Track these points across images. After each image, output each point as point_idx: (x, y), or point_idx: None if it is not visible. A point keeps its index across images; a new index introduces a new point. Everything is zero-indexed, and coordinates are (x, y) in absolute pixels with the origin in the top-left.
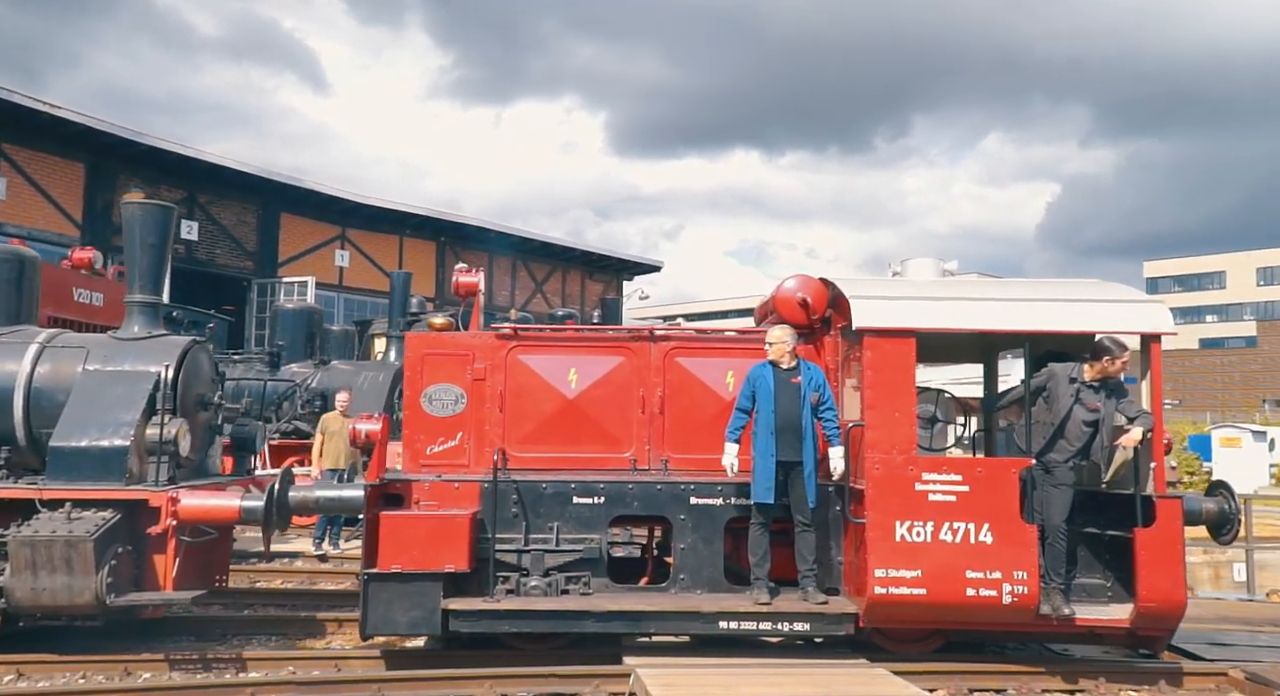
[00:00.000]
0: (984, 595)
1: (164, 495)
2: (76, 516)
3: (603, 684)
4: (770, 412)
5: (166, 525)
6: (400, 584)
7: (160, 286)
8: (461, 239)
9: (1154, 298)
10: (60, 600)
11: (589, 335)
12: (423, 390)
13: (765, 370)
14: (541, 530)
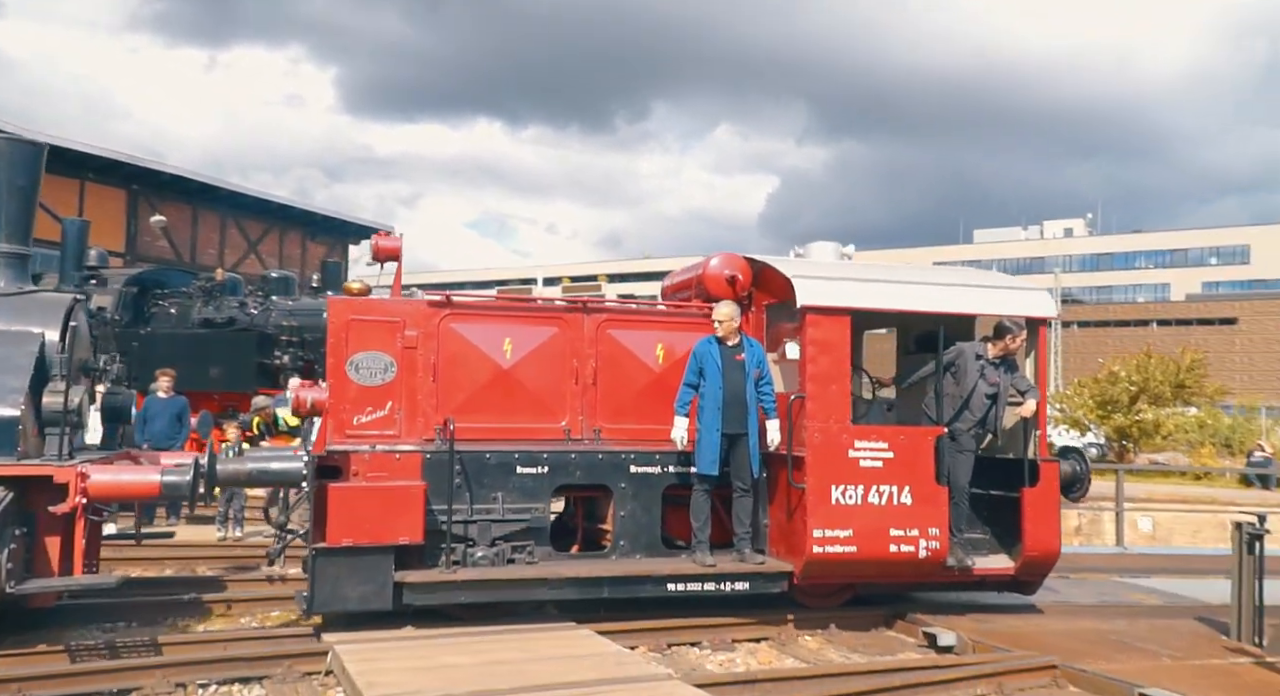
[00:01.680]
0: (904, 551)
1: (71, 470)
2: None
3: (295, 664)
4: (718, 388)
5: (75, 503)
6: (350, 558)
7: (30, 236)
8: (158, 188)
9: (1040, 287)
10: None
11: (524, 305)
12: (348, 357)
13: (711, 347)
14: (485, 500)
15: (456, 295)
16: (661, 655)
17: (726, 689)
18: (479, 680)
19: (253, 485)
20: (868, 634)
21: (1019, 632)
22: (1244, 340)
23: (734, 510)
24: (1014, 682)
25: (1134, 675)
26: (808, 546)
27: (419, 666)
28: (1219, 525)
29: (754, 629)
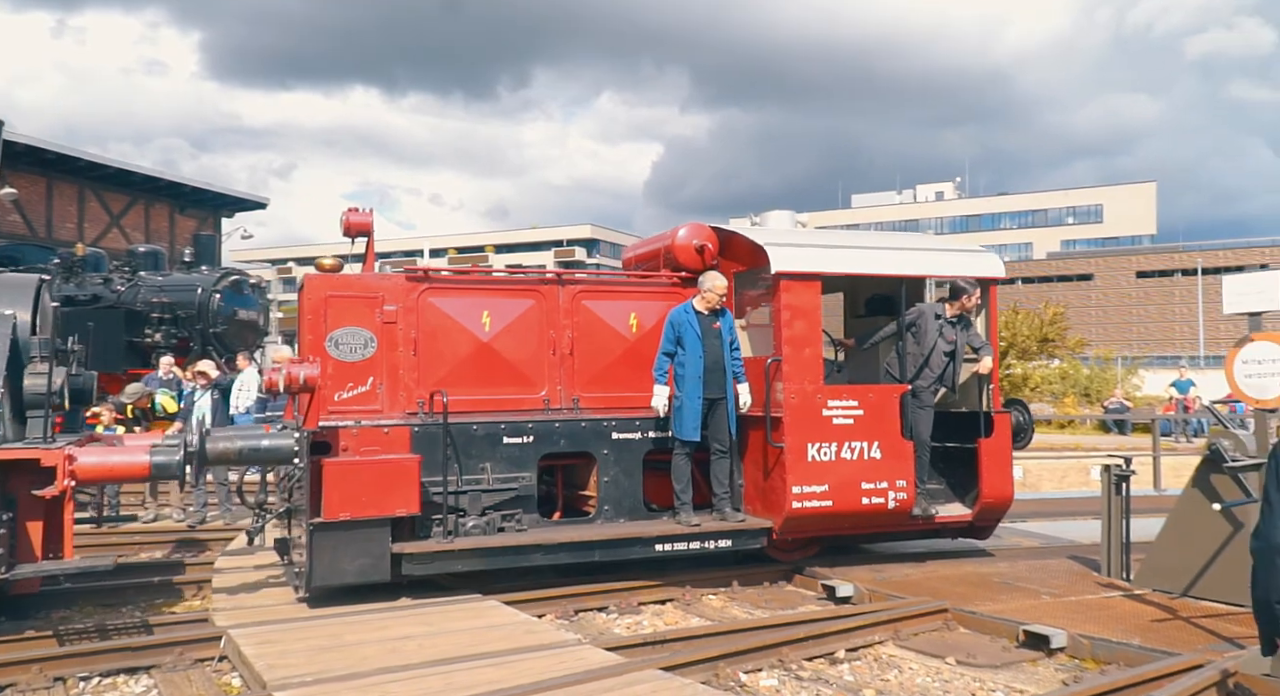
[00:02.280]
0: (874, 502)
1: (59, 453)
2: None
3: (186, 651)
4: (699, 356)
5: (64, 486)
6: (347, 531)
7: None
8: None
9: (988, 251)
10: None
11: (501, 278)
12: (328, 334)
13: (690, 316)
14: (474, 471)
15: (435, 270)
16: (569, 621)
17: (636, 650)
18: (386, 657)
19: (242, 463)
20: (769, 589)
21: (911, 580)
22: (1098, 295)
23: (712, 471)
24: (909, 627)
25: (1018, 613)
26: (787, 502)
27: (322, 646)
28: (1082, 470)
29: (659, 591)
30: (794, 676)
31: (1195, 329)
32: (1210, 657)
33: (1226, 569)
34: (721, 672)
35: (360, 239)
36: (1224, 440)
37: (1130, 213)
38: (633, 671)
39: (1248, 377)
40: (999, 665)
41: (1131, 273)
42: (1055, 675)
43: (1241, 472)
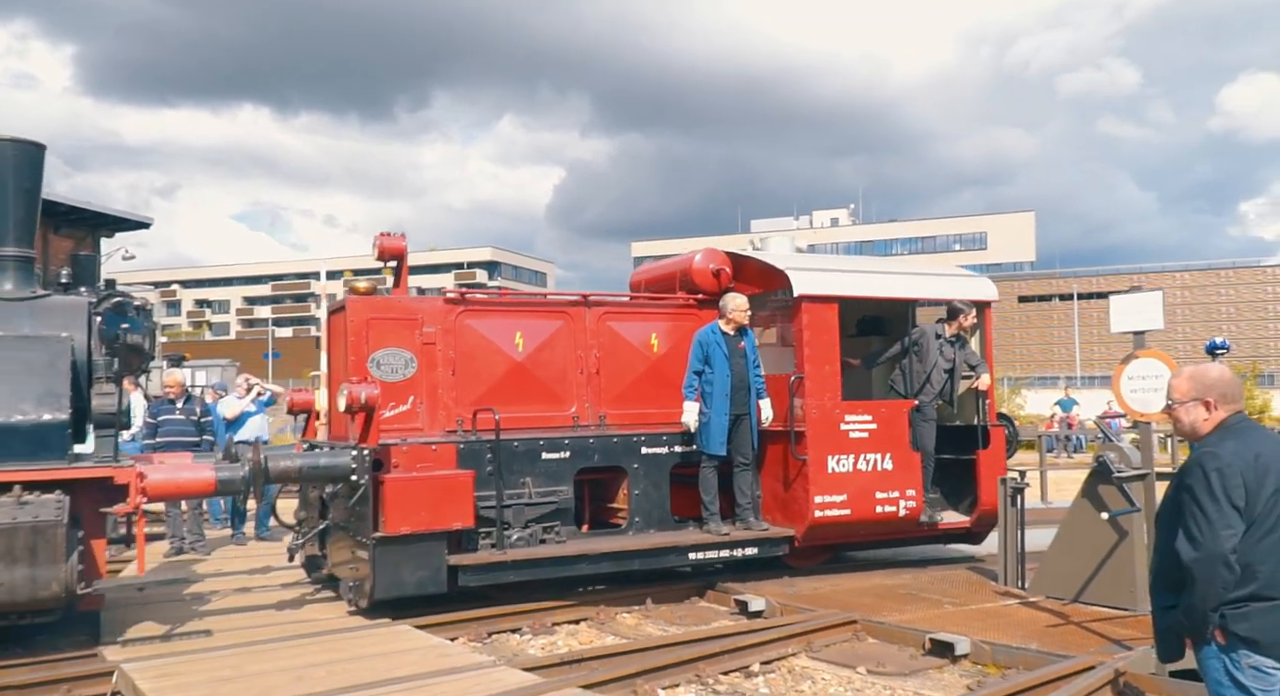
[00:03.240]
0: (887, 511)
1: (131, 471)
2: (27, 500)
3: (75, 688)
4: (726, 375)
5: (136, 503)
6: (406, 545)
7: (34, 238)
8: None
9: (983, 276)
10: (20, 595)
11: (532, 300)
12: (369, 355)
13: (716, 336)
14: (515, 485)
15: (470, 293)
16: (482, 644)
17: (554, 670)
18: (293, 686)
19: (303, 480)
20: (682, 606)
21: (820, 593)
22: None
23: (735, 483)
24: (821, 639)
25: (923, 622)
26: (810, 512)
27: (223, 677)
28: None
29: (573, 611)
30: (711, 690)
31: (1072, 350)
32: (1102, 659)
33: (1113, 575)
34: (640, 689)
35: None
36: (1110, 453)
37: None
38: (551, 691)
39: (1133, 392)
40: (907, 672)
41: (1014, 297)
42: (960, 680)
43: (1127, 483)
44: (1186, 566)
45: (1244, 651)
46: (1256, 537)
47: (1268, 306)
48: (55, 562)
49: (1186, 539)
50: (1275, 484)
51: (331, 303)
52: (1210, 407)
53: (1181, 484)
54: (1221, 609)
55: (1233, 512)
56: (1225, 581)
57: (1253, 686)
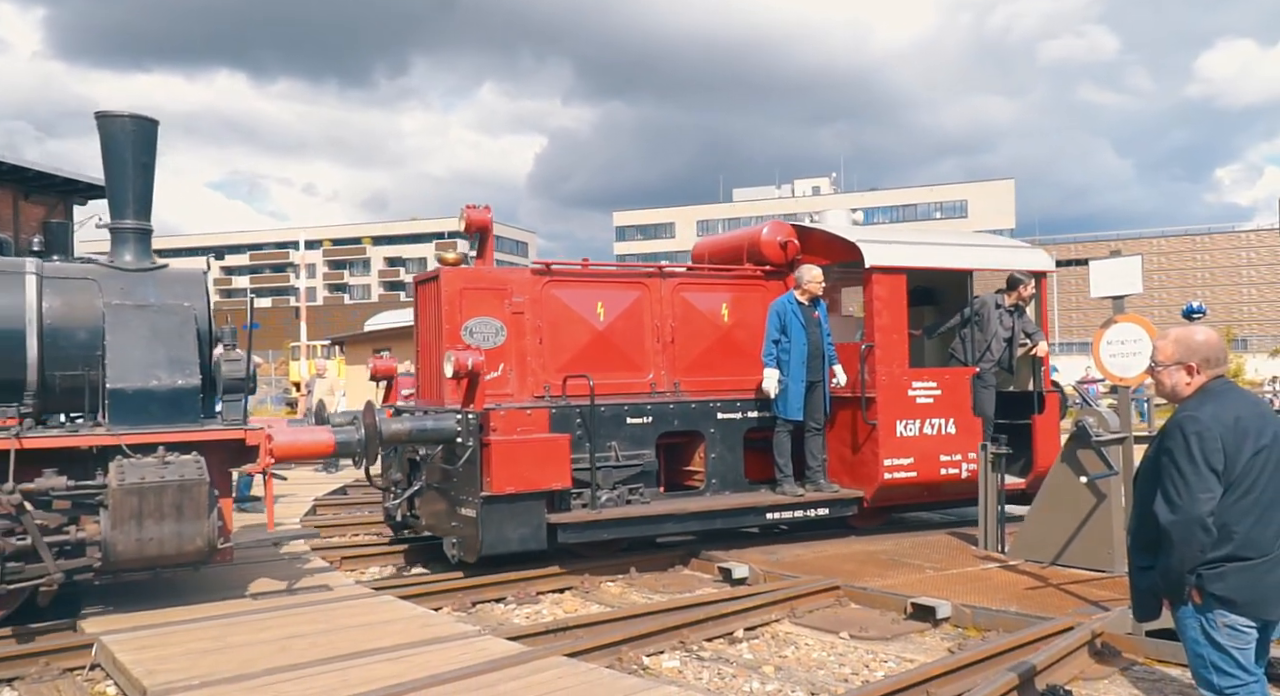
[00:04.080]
0: (950, 473)
1: (260, 433)
2: (170, 460)
3: (53, 661)
4: (803, 344)
5: (266, 463)
6: (509, 504)
7: (150, 211)
8: None
9: (1037, 246)
10: (168, 549)
11: (612, 271)
12: (463, 324)
13: (793, 306)
14: (602, 449)
15: (556, 264)
16: (467, 613)
17: (539, 638)
18: (275, 656)
19: (413, 442)
20: (666, 574)
21: (803, 560)
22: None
23: (807, 447)
24: (804, 605)
25: (905, 587)
26: (879, 474)
27: (204, 649)
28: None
29: (557, 580)
30: (695, 657)
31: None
32: (1080, 620)
33: (1091, 538)
34: (624, 656)
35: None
36: (1089, 418)
37: (992, 208)
38: (537, 659)
39: (1112, 357)
40: (889, 637)
41: None
42: (942, 643)
43: (1105, 447)
44: (1164, 528)
45: (1220, 611)
46: (1234, 499)
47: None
48: (199, 518)
49: (1165, 501)
50: (1254, 447)
51: (419, 273)
52: (1192, 372)
53: (1161, 446)
54: (1198, 569)
55: (1211, 476)
56: (1202, 544)
57: (1229, 645)
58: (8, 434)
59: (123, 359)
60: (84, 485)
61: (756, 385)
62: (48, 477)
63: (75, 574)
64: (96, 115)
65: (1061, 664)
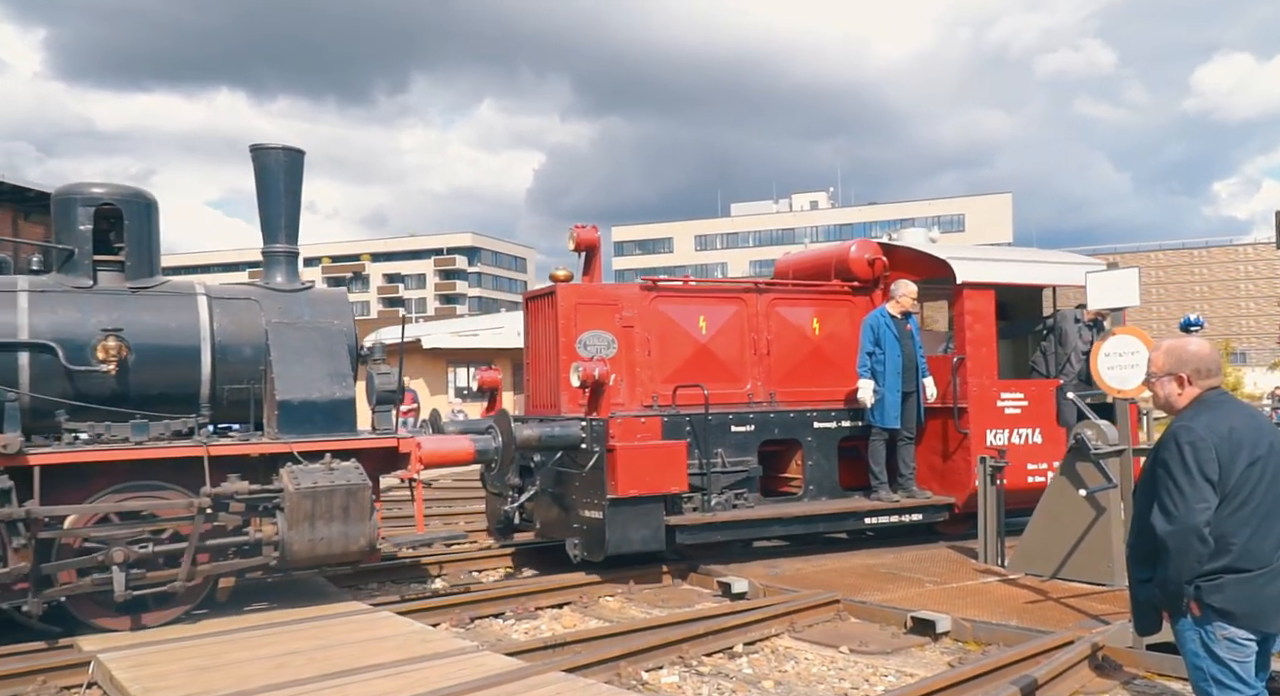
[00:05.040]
0: (1036, 481)
1: (412, 440)
2: (335, 466)
3: (50, 679)
4: (897, 355)
5: (416, 469)
6: (632, 506)
7: (298, 236)
8: None
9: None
10: (335, 548)
11: (712, 287)
12: (577, 337)
13: (885, 319)
14: (710, 455)
15: (662, 280)
16: (465, 629)
17: (537, 654)
18: (273, 673)
19: (542, 448)
20: (665, 588)
21: (802, 574)
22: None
23: (900, 455)
24: (804, 619)
25: (905, 601)
26: (971, 481)
27: (202, 666)
28: None
29: (555, 595)
30: (694, 672)
31: None
32: (1080, 634)
33: (1091, 551)
34: (624, 672)
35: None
36: (1087, 430)
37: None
38: (535, 675)
39: (1110, 369)
40: (890, 651)
41: None
42: (942, 657)
43: (1104, 459)
44: (1161, 539)
45: (1219, 623)
46: (1230, 511)
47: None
48: (363, 520)
49: (1161, 512)
50: (1249, 458)
51: (528, 290)
52: (1184, 383)
53: (1156, 458)
54: (1196, 581)
55: (1206, 486)
56: (1199, 554)
57: (1228, 658)
58: (198, 442)
59: (288, 373)
60: (264, 489)
61: (847, 395)
62: (232, 482)
63: (251, 571)
64: (251, 148)
65: (1062, 678)
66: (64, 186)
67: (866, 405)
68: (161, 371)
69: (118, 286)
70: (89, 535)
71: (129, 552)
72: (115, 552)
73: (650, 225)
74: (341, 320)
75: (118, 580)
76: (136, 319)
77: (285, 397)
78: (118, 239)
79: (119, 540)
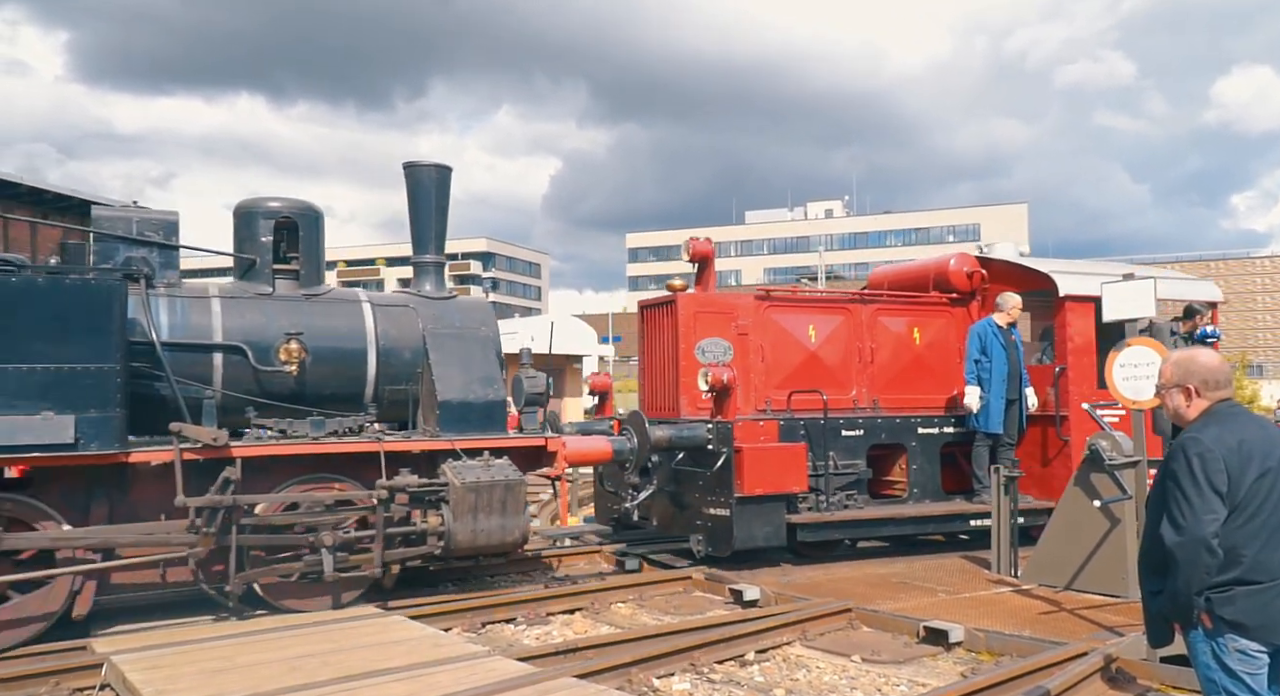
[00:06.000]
0: None
1: (559, 440)
2: (491, 463)
3: (63, 681)
4: (1003, 363)
5: (562, 467)
6: (757, 505)
7: (445, 246)
8: None
9: (1209, 280)
10: (494, 540)
11: (820, 297)
12: (696, 343)
13: (992, 328)
14: (821, 457)
15: (774, 290)
16: (477, 634)
17: (549, 659)
18: (286, 676)
19: (672, 448)
20: (677, 596)
21: (815, 582)
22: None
23: (1001, 460)
24: (816, 628)
25: (917, 611)
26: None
27: (215, 669)
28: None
29: (567, 601)
30: (706, 679)
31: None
32: (1094, 645)
33: (1104, 563)
34: (635, 678)
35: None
36: (1102, 441)
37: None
38: (547, 680)
39: (1125, 380)
40: (902, 661)
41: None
42: (955, 667)
43: (1119, 470)
44: (1169, 550)
45: (1230, 635)
46: (1240, 522)
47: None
48: (519, 513)
49: (1170, 523)
50: (1259, 470)
51: (646, 298)
52: (1190, 394)
53: (1166, 469)
54: (1207, 593)
55: (1214, 497)
56: (1207, 565)
57: (1239, 670)
58: (371, 438)
59: (447, 376)
60: (432, 483)
61: (946, 402)
62: (403, 476)
63: (417, 559)
64: (405, 165)
65: (1076, 690)
66: (244, 200)
67: (973, 410)
68: (333, 372)
69: (293, 293)
70: (305, 521)
71: (337, 536)
72: (325, 536)
73: (665, 232)
74: (488, 327)
75: (327, 561)
76: (312, 323)
77: (446, 398)
78: (290, 249)
79: (327, 525)
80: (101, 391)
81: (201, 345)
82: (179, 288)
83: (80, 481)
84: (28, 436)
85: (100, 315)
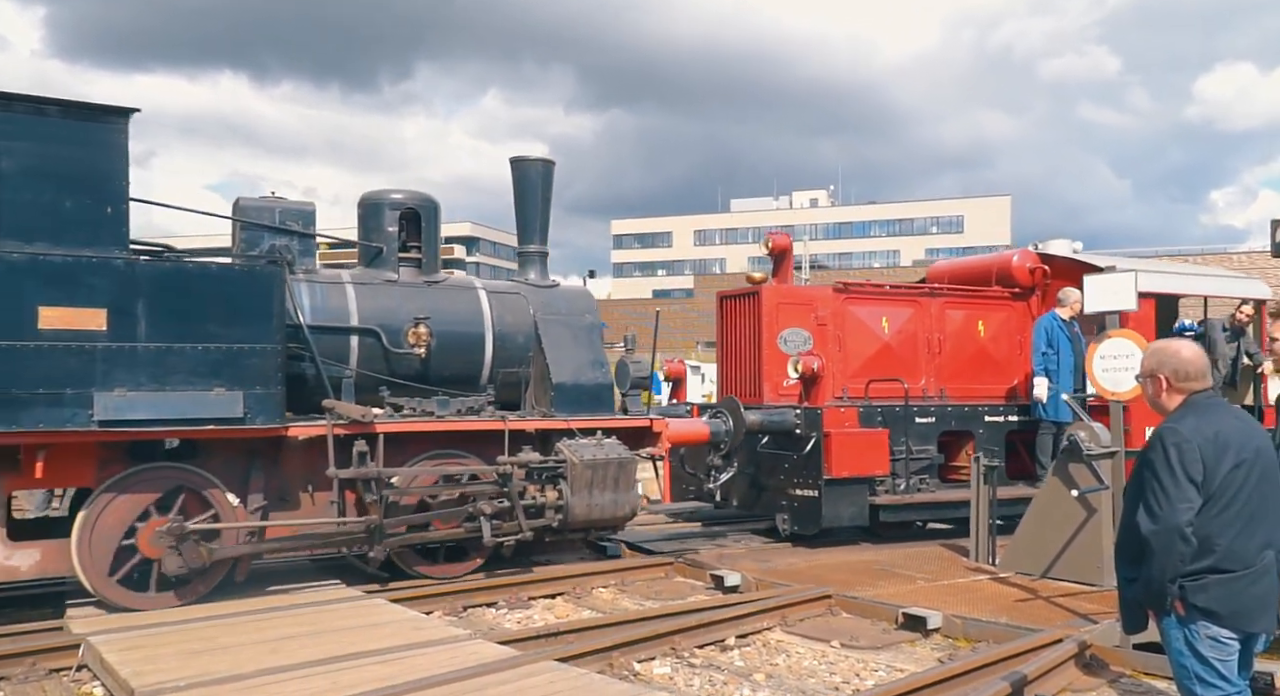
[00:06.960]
0: None
1: (663, 421)
2: (603, 442)
3: (40, 661)
4: (1070, 355)
5: (666, 447)
6: (844, 486)
7: (548, 237)
8: None
9: (1257, 277)
10: (605, 514)
11: (893, 290)
12: (779, 333)
13: (1058, 322)
14: (897, 443)
15: (851, 283)
16: (458, 617)
17: (530, 643)
18: (267, 657)
19: (763, 432)
20: (658, 581)
21: (795, 568)
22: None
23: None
24: (796, 613)
25: (896, 597)
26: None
27: (194, 650)
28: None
29: (548, 585)
30: (686, 663)
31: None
32: (1069, 632)
33: (1080, 552)
34: (616, 662)
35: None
36: (1080, 432)
37: (988, 224)
38: (528, 663)
39: (1104, 372)
40: (880, 646)
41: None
42: (932, 653)
43: (1097, 461)
44: (1145, 538)
45: (1203, 622)
46: (1215, 512)
47: None
48: (629, 489)
49: (1145, 512)
50: (1234, 460)
51: (725, 289)
52: (1163, 384)
53: (1143, 458)
54: (1181, 581)
55: (1190, 487)
56: (1182, 553)
57: (1211, 656)
58: (495, 416)
59: (560, 359)
60: (552, 459)
61: (1007, 392)
62: (526, 453)
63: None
64: (511, 160)
65: (1051, 675)
66: (370, 192)
67: (1042, 400)
68: (455, 355)
69: (415, 280)
70: (464, 492)
71: (494, 506)
72: (484, 506)
73: (649, 219)
74: (592, 314)
75: (486, 528)
76: (436, 308)
77: (560, 381)
78: (411, 238)
79: (484, 495)
80: (265, 370)
81: (341, 328)
82: (316, 273)
83: (239, 453)
84: (204, 411)
85: (264, 299)
